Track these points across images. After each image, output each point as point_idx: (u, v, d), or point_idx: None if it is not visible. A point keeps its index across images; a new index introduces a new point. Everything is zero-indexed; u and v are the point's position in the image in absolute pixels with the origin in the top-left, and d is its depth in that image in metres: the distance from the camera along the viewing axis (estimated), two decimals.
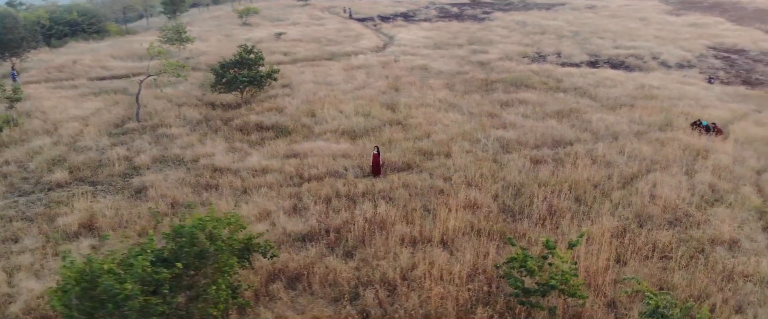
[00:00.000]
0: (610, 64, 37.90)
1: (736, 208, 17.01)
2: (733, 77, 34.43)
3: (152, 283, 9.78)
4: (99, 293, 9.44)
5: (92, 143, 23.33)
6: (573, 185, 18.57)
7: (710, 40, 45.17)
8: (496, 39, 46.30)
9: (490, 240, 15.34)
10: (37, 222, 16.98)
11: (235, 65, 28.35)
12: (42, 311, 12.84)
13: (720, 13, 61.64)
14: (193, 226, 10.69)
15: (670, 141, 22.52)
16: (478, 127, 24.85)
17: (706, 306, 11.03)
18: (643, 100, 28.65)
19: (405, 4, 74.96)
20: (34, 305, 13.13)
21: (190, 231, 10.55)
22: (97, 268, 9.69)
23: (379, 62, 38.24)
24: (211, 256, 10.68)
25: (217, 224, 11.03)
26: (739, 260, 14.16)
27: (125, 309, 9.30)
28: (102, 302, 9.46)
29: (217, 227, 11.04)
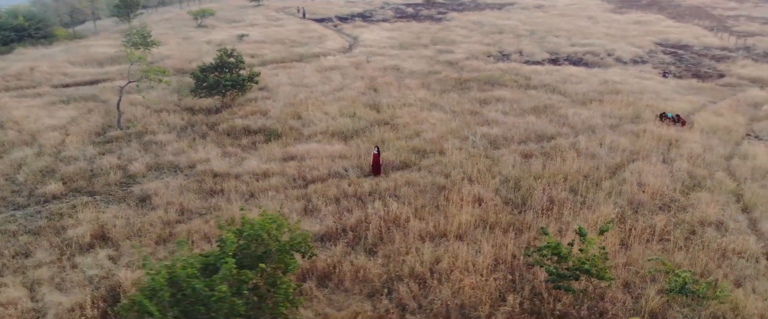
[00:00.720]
0: (570, 62, 39.85)
1: (715, 192, 18.65)
2: (684, 71, 36.98)
3: (235, 284, 10.00)
4: (189, 295, 9.59)
5: (78, 153, 22.70)
6: (566, 177, 19.76)
7: (656, 36, 48.17)
8: (459, 39, 47.61)
9: (504, 232, 16.22)
10: (45, 235, 16.55)
11: (215, 69, 28.12)
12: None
13: (658, 10, 65.56)
14: (259, 226, 10.96)
15: (643, 133, 24.19)
16: (463, 124, 25.81)
17: (725, 282, 12.31)
18: (609, 94, 30.45)
19: (360, 4, 75.42)
20: (66, 318, 12.94)
21: (257, 232, 10.80)
22: (182, 272, 9.79)
23: (350, 63, 38.65)
24: (274, 255, 10.98)
25: (277, 225, 11.32)
26: (728, 239, 15.65)
27: (213, 310, 9.50)
28: (192, 304, 9.61)
29: (279, 228, 11.34)
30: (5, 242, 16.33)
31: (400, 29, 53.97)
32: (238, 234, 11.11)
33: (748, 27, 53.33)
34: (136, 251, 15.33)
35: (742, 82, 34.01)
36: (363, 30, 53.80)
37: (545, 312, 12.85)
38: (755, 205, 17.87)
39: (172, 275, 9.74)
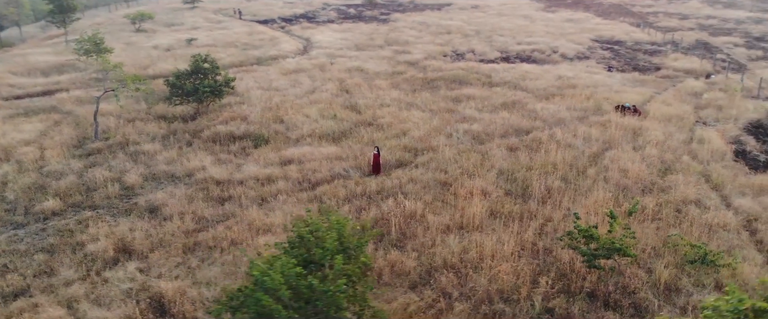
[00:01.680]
0: (521, 59, 42.12)
1: (686, 174, 20.85)
2: (625, 65, 40.11)
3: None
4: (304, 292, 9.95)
5: (63, 167, 21.86)
6: (554, 167, 21.36)
7: (591, 33, 51.68)
8: (411, 39, 48.94)
9: (515, 221, 17.48)
10: (62, 252, 16.07)
11: (190, 75, 27.71)
12: None
13: (584, 9, 70.02)
14: (330, 228, 11.45)
15: (608, 123, 26.34)
16: (444, 122, 26.98)
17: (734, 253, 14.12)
18: (567, 89, 32.70)
19: (300, 5, 75.29)
20: None
21: (331, 234, 11.27)
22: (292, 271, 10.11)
23: (313, 66, 38.96)
24: (351, 252, 11.53)
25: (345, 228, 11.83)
26: (710, 214, 17.71)
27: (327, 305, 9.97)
28: (306, 301, 9.99)
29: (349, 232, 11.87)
30: (20, 261, 15.72)
31: (350, 30, 54.63)
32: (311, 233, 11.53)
33: (668, 23, 58.20)
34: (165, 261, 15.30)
35: (677, 73, 37.42)
36: (313, 31, 54.01)
37: (575, 290, 14.17)
38: (723, 183, 20.19)
39: (284, 274, 10.07)
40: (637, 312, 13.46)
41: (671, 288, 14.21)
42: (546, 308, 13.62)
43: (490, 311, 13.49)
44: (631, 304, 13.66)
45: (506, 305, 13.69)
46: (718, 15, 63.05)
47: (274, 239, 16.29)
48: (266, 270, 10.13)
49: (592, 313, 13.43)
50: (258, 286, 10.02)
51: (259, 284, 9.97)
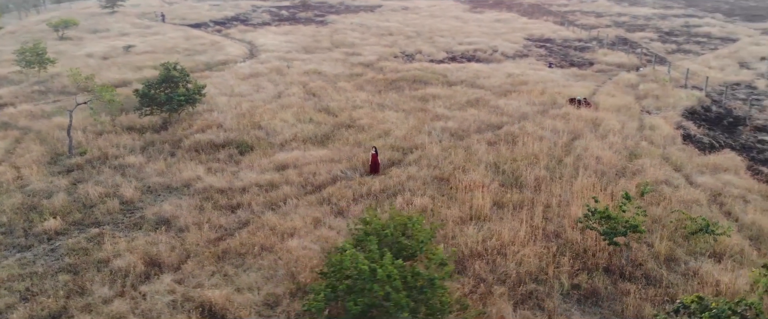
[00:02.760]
0: (467, 59, 44.22)
1: (649, 158, 23.37)
2: (562, 61, 43.26)
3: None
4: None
5: (46, 186, 20.84)
6: (536, 158, 23.18)
7: (523, 32, 54.91)
8: (356, 41, 49.76)
9: (517, 210, 19.00)
10: (86, 271, 15.62)
11: (160, 84, 27.06)
12: None
13: (507, 9, 73.89)
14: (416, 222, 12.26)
15: (568, 115, 28.69)
16: (419, 121, 28.18)
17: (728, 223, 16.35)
18: (520, 86, 34.98)
19: (227, 7, 73.70)
20: None
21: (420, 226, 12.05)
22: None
23: (269, 70, 38.85)
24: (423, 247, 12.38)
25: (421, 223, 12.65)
26: (681, 192, 20.13)
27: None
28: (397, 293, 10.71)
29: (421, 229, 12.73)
30: (44, 283, 15.13)
31: (292, 33, 54.58)
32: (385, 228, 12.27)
33: (587, 20, 62.85)
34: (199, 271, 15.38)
35: (610, 67, 40.96)
36: (253, 35, 53.42)
37: (592, 267, 15.84)
38: (682, 165, 22.88)
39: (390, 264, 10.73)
40: (648, 282, 15.31)
41: (671, 258, 16.24)
42: (572, 285, 15.16)
43: (526, 292, 14.82)
44: (642, 275, 15.52)
45: (538, 285, 15.08)
46: (627, 12, 68.83)
47: (302, 242, 16.81)
48: (367, 262, 10.79)
49: (612, 286, 15.12)
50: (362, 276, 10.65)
51: (367, 275, 10.61)
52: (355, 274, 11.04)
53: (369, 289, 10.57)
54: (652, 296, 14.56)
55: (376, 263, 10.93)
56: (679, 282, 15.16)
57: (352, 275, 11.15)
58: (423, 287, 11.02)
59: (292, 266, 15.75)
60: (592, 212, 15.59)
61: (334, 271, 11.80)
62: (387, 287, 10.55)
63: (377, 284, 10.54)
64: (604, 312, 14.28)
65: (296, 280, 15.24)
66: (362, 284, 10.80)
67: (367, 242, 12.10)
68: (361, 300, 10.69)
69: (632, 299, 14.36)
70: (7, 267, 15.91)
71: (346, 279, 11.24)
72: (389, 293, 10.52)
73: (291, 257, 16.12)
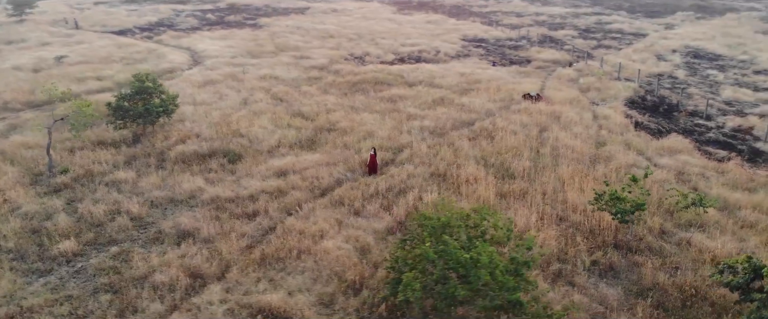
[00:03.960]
0: (414, 60, 45.78)
1: (613, 144, 25.99)
2: (502, 60, 45.98)
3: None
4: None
5: (40, 207, 19.79)
6: (517, 150, 25.05)
7: (457, 33, 57.38)
8: (300, 45, 49.90)
9: (519, 198, 20.67)
10: (127, 288, 15.30)
11: (134, 96, 26.20)
12: None
13: (432, 10, 76.55)
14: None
15: (529, 110, 30.96)
16: (396, 121, 29.25)
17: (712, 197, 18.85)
18: (474, 84, 37.00)
19: (146, 13, 70.64)
20: None
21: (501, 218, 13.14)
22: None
23: (223, 76, 38.25)
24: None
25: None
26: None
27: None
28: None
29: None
30: (86, 305, 14.68)
31: (230, 37, 53.60)
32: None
33: (510, 20, 66.70)
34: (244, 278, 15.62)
35: (547, 64, 44.17)
36: (189, 40, 51.92)
37: (603, 244, 17.76)
38: (642, 149, 25.70)
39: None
40: (652, 253, 17.43)
41: (663, 231, 18.54)
42: (592, 261, 16.96)
43: (555, 271, 16.43)
44: (645, 247, 17.64)
45: (564, 264, 16.74)
46: (543, 11, 73.73)
47: (336, 243, 17.43)
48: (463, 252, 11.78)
49: (625, 259, 17.09)
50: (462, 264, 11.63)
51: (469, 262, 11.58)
52: (453, 263, 12.00)
53: (475, 275, 11.56)
54: (660, 265, 16.66)
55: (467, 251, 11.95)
56: (676, 251, 17.41)
57: (449, 264, 12.10)
58: (518, 270, 12.20)
59: (335, 266, 16.34)
60: (600, 195, 17.48)
61: (418, 261, 12.68)
62: (491, 271, 11.61)
63: (482, 269, 11.56)
64: (624, 283, 16.16)
65: (343, 278, 15.88)
66: (464, 271, 11.77)
67: (455, 231, 13.02)
68: (466, 286, 11.66)
69: (646, 270, 16.36)
70: (37, 293, 15.24)
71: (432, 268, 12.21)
72: (495, 276, 11.60)
73: (330, 258, 16.69)
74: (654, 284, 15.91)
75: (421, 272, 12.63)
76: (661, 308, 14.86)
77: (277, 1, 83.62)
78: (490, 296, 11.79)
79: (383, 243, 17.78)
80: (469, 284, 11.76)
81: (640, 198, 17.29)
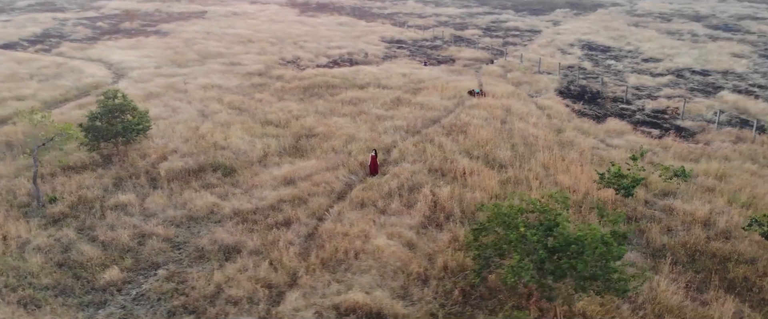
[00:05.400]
0: (349, 62, 46.87)
1: (567, 131, 29.30)
2: (430, 60, 48.51)
3: None
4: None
5: (49, 240, 18.31)
6: (494, 142, 27.39)
7: (374, 35, 59.16)
8: (223, 51, 48.75)
9: (517, 185, 22.94)
10: (205, 307, 15.10)
11: (106, 115, 24.68)
12: None
13: (335, 12, 77.66)
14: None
15: (481, 105, 33.60)
16: (368, 123, 30.32)
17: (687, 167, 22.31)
18: (419, 83, 39.01)
19: (24, 23, 63.94)
20: None
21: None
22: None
23: (163, 88, 36.66)
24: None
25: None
26: (613, 152, 26.18)
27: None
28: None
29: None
30: None
31: (141, 46, 50.90)
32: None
33: (415, 21, 69.82)
34: (315, 282, 16.17)
35: (471, 62, 47.50)
36: (96, 52, 48.60)
37: None
38: (592, 132, 29.28)
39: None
40: (646, 220, 20.46)
41: (646, 201, 21.77)
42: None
43: None
44: (641, 216, 20.64)
45: None
46: (440, 12, 78.00)
47: (384, 241, 18.39)
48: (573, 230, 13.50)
49: (633, 225, 19.89)
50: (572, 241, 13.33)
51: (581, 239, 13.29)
52: (562, 240, 13.65)
53: (590, 249, 13.30)
54: (659, 229, 19.67)
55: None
56: (665, 217, 20.62)
57: (558, 242, 13.74)
58: (619, 242, 14.17)
59: (394, 261, 17.34)
60: (602, 175, 20.22)
61: (517, 245, 14.19)
62: (603, 246, 13.43)
63: (594, 244, 13.32)
64: (638, 248, 18.93)
65: (408, 272, 16.95)
66: (577, 246, 13.45)
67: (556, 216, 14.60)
68: (583, 260, 13.35)
69: (652, 234, 19.27)
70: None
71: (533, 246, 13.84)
72: (610, 247, 13.43)
73: (386, 255, 17.63)
74: (662, 245, 18.85)
75: (522, 253, 14.17)
76: (678, 264, 17.76)
77: (168, 6, 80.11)
78: (596, 266, 13.66)
79: (424, 237, 19.01)
80: (583, 257, 13.53)
81: (637, 174, 20.26)
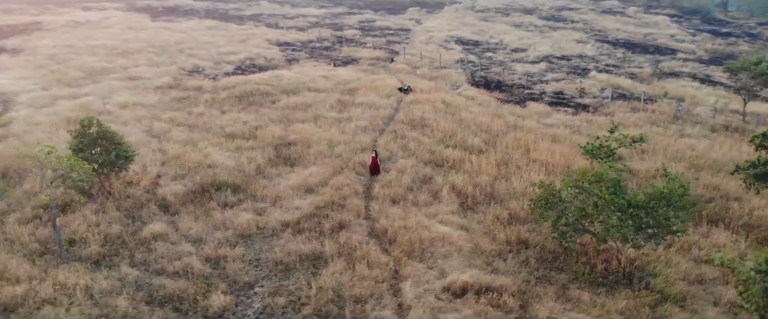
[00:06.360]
0: (257, 68, 45.99)
1: (507, 116, 33.55)
2: (335, 61, 49.75)
3: None
4: None
5: (110, 283, 16.89)
6: (455, 131, 30.37)
7: (260, 39, 58.12)
8: (107, 66, 44.54)
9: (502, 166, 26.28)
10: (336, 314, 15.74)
11: (93, 144, 22.46)
12: None
13: (191, 16, 73.86)
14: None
15: (421, 100, 36.42)
16: (335, 127, 31.21)
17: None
18: (345, 84, 40.44)
19: None
20: None
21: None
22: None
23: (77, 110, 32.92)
24: None
25: None
26: (553, 130, 30.90)
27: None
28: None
29: None
30: None
31: (7, 68, 44.04)
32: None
33: (286, 23, 69.66)
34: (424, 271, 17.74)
35: (374, 61, 49.81)
36: None
37: None
38: (528, 116, 33.89)
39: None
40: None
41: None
42: None
43: None
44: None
45: None
46: (306, 13, 78.67)
47: (443, 228, 20.38)
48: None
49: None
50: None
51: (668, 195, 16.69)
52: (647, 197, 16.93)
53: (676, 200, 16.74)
54: (635, 185, 24.33)
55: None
56: (630, 176, 25.50)
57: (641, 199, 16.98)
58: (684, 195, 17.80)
59: (465, 243, 19.41)
60: (584, 147, 24.40)
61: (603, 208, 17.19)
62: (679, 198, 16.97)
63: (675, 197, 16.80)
64: None
65: (480, 250, 19.17)
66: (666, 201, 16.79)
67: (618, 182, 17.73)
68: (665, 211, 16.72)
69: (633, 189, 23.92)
70: None
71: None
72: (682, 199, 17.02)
73: (454, 238, 19.62)
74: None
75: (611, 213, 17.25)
76: None
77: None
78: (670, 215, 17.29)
79: (470, 220, 21.32)
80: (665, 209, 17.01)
81: (612, 144, 24.77)
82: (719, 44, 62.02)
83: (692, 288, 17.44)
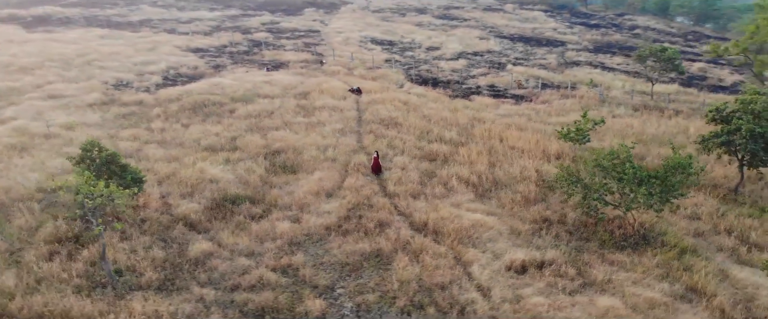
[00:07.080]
0: (189, 78, 43.80)
1: (463, 110, 36.08)
2: (268, 66, 48.82)
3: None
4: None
5: (195, 306, 16.35)
6: (427, 127, 32.22)
7: (170, 46, 54.91)
8: (16, 86, 39.86)
9: (490, 153, 28.67)
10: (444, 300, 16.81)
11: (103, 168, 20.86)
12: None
13: (70, 25, 67.32)
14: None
15: (382, 100, 37.56)
16: (313, 132, 31.39)
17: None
18: (293, 89, 40.37)
19: None
20: None
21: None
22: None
23: (16, 135, 29.81)
24: None
25: None
26: (512, 118, 33.99)
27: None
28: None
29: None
30: None
31: None
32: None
33: (187, 28, 66.37)
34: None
35: (304, 63, 49.67)
36: None
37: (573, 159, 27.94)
38: (480, 108, 36.68)
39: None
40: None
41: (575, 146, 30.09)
42: None
43: None
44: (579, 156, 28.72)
45: None
46: (200, 17, 75.20)
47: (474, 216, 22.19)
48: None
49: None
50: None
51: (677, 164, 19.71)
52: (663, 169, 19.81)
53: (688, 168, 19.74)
54: None
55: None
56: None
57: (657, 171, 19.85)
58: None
59: (500, 226, 21.33)
60: (566, 132, 27.48)
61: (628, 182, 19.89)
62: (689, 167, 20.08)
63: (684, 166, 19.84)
64: None
65: (516, 230, 21.22)
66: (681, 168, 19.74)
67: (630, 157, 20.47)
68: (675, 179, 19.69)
69: None
70: None
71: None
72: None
73: (489, 223, 21.45)
74: None
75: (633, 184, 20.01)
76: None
77: None
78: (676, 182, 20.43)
79: (492, 206, 23.27)
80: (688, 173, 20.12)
81: (586, 127, 28.06)
82: (595, 35, 70.51)
83: (695, 240, 20.95)
